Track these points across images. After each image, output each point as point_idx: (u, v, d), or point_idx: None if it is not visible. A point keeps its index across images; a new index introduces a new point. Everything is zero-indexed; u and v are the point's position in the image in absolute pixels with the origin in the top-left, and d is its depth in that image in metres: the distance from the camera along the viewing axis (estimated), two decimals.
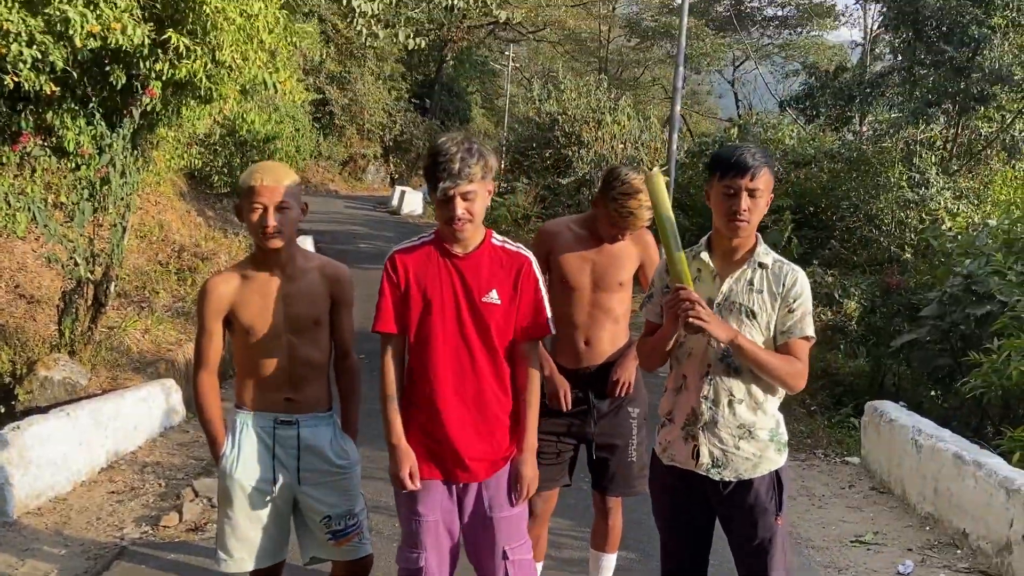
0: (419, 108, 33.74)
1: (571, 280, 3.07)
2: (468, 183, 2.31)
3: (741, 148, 2.38)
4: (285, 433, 2.57)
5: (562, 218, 3.38)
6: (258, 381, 2.58)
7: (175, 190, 12.26)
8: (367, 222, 19.14)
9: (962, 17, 11.29)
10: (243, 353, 2.59)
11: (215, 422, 2.61)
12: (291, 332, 2.56)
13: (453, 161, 2.30)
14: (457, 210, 2.33)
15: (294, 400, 2.57)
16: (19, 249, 7.68)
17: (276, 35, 8.05)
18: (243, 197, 2.51)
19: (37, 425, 4.48)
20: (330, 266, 2.69)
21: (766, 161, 2.34)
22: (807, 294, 2.39)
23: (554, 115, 21.54)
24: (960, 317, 6.65)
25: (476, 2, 11.06)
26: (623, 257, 3.08)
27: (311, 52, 23.77)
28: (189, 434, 5.73)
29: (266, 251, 2.54)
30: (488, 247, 2.47)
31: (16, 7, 5.41)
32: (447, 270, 2.42)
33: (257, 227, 2.48)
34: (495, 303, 2.41)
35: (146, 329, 7.18)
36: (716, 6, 34.81)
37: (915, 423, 4.90)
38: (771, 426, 2.42)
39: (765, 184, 2.33)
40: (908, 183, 10.91)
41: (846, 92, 13.77)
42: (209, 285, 2.57)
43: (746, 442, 2.39)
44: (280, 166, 2.62)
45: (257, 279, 2.56)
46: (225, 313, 2.56)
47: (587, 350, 3.09)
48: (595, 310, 3.08)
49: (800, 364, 2.35)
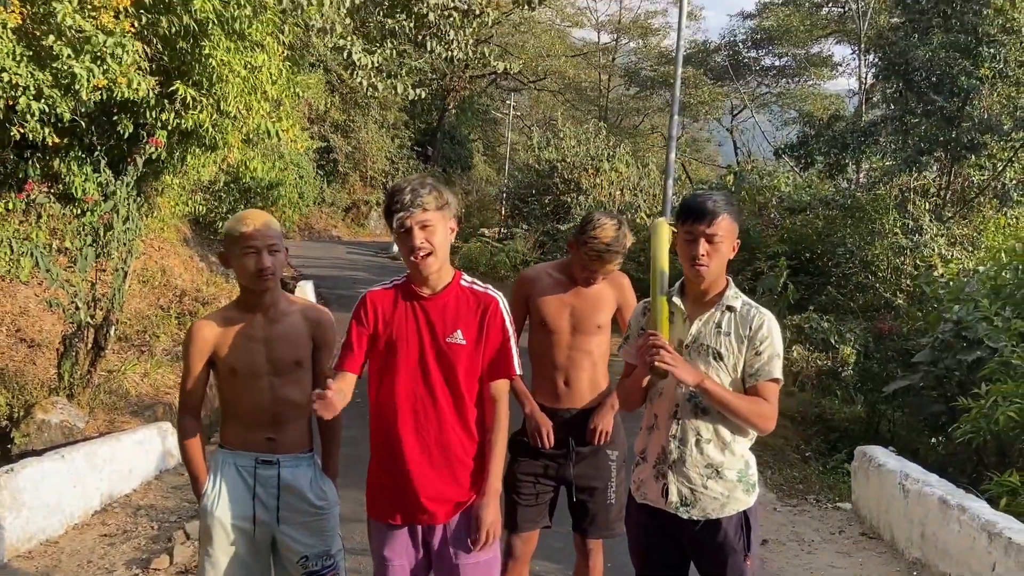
0: (421, 156, 34.19)
1: (550, 323, 3.16)
2: (422, 211, 2.33)
3: (704, 195, 2.46)
4: (266, 473, 2.63)
5: (541, 264, 3.50)
6: (241, 421, 2.65)
7: (179, 236, 12.43)
8: (368, 267, 19.28)
9: (951, 68, 11.55)
10: (227, 394, 2.67)
11: (197, 461, 2.68)
12: (273, 373, 2.63)
13: (404, 193, 2.34)
14: (416, 240, 2.34)
15: (275, 440, 2.63)
16: (21, 293, 7.79)
17: (279, 86, 8.27)
18: (233, 243, 2.59)
19: (31, 468, 4.51)
20: (312, 309, 2.78)
21: (726, 208, 2.39)
22: (775, 337, 2.43)
23: (553, 162, 21.83)
24: (952, 363, 6.70)
25: (475, 54, 11.32)
26: (600, 300, 3.17)
27: (316, 101, 24.24)
28: (184, 476, 5.70)
29: (254, 294, 2.62)
30: (456, 288, 2.48)
31: (25, 61, 5.59)
32: (413, 311, 2.44)
33: (253, 270, 2.55)
34: (460, 343, 2.42)
35: (145, 372, 7.25)
36: (714, 56, 35.42)
37: (903, 468, 4.92)
38: (739, 467, 2.47)
39: (725, 231, 2.38)
40: (902, 230, 11.04)
41: (840, 140, 13.99)
42: (194, 329, 2.66)
43: (714, 481, 2.44)
44: (263, 213, 2.70)
45: (241, 322, 2.63)
46: (209, 355, 2.64)
47: (567, 391, 3.17)
48: (574, 352, 3.16)
49: (767, 406, 2.39)
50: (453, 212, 2.43)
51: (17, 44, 5.55)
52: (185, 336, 2.69)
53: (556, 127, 23.53)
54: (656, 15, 40.78)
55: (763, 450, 2.17)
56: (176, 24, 6.85)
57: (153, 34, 6.95)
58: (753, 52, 35.46)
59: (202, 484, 2.66)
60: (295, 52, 9.40)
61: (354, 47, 9.29)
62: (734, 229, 2.43)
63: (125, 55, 5.85)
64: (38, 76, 5.58)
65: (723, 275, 2.48)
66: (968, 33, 11.52)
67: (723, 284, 2.49)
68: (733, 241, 2.44)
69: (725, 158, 42.42)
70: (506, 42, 33.86)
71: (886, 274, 11.33)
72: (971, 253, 10.89)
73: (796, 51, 34.91)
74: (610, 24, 41.54)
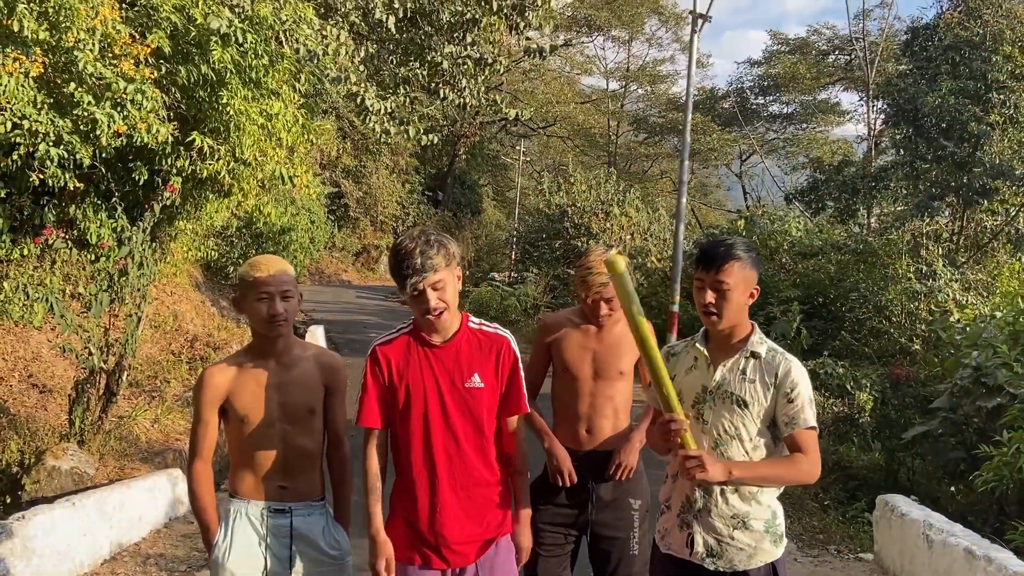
0: (432, 200, 34.48)
1: (572, 369, 3.13)
2: (434, 273, 2.35)
3: (717, 242, 2.44)
4: (278, 522, 2.59)
5: (562, 311, 3.49)
6: (252, 469, 2.61)
7: (191, 281, 12.49)
8: (377, 312, 19.29)
9: (960, 114, 11.61)
10: (238, 442, 2.63)
11: (208, 510, 2.63)
12: (285, 421, 2.59)
13: (414, 256, 2.34)
14: (431, 302, 2.36)
15: (287, 488, 2.59)
16: (34, 339, 7.80)
17: (295, 133, 8.36)
18: (247, 289, 2.57)
19: (42, 515, 4.47)
20: (325, 355, 2.75)
21: (737, 254, 2.35)
22: (804, 383, 2.37)
23: (564, 207, 21.96)
24: (971, 409, 6.61)
25: (487, 100, 11.44)
26: (622, 346, 3.14)
27: (328, 148, 24.52)
28: (194, 525, 5.68)
29: (267, 340, 2.60)
30: (466, 332, 2.50)
31: (46, 109, 5.67)
32: (427, 360, 2.46)
33: (266, 316, 2.53)
34: (479, 387, 2.45)
35: (155, 419, 7.22)
36: (721, 103, 35.77)
37: (926, 517, 4.82)
38: (766, 517, 2.41)
39: (736, 278, 2.34)
40: (916, 275, 10.99)
41: (851, 185, 14.03)
42: (205, 375, 2.63)
43: (740, 532, 2.38)
44: (277, 258, 2.69)
45: (253, 368, 2.60)
46: (221, 402, 2.60)
47: (588, 437, 3.13)
48: (597, 399, 3.12)
49: (806, 461, 2.32)
50: (458, 261, 2.46)
51: (39, 92, 5.64)
52: (196, 382, 2.66)
53: (566, 172, 23.73)
54: (664, 62, 41.35)
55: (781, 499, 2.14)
56: (195, 74, 6.96)
57: (172, 83, 7.06)
58: (760, 99, 35.83)
59: (213, 534, 2.61)
60: (309, 100, 9.53)
61: (367, 93, 9.41)
62: (748, 276, 2.38)
63: (145, 101, 5.93)
64: (59, 123, 5.65)
65: (745, 321, 2.45)
66: (977, 79, 11.61)
67: (747, 329, 2.46)
68: (748, 288, 2.39)
69: (733, 203, 42.63)
70: (516, 89, 34.34)
71: (900, 319, 11.26)
72: (985, 299, 10.82)
73: (803, 98, 35.27)
74: (619, 71, 42.12)
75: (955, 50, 11.95)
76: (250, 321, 2.62)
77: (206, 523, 2.63)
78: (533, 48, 10.69)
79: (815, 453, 2.35)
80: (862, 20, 27.15)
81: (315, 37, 8.61)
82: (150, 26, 6.79)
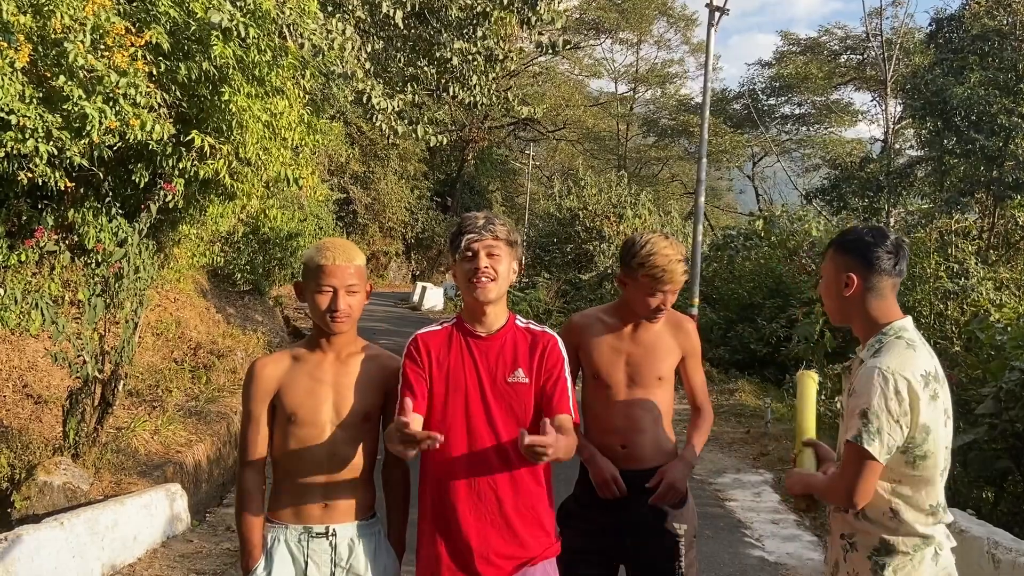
0: (440, 206, 34.28)
1: (604, 375, 2.74)
2: (493, 238, 2.26)
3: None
4: (319, 547, 2.28)
5: (591, 309, 3.05)
6: (293, 483, 2.31)
7: (196, 287, 12.18)
8: (387, 318, 19.00)
9: (990, 106, 11.18)
10: (280, 449, 2.32)
11: (255, 531, 2.30)
12: (336, 424, 2.29)
13: (478, 219, 2.29)
14: (481, 262, 2.24)
15: (330, 506, 2.29)
16: (31, 347, 7.49)
17: (300, 132, 8.08)
18: (309, 276, 2.31)
19: (27, 536, 4.17)
20: (387, 357, 2.44)
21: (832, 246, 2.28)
22: (864, 390, 2.07)
23: (575, 211, 21.69)
24: (1020, 414, 6.20)
25: (499, 98, 11.14)
26: (660, 348, 2.76)
27: (336, 153, 24.30)
28: (193, 543, 5.35)
29: (327, 335, 2.33)
30: (512, 328, 2.36)
31: (35, 104, 5.36)
32: (470, 352, 2.30)
33: (324, 310, 2.28)
34: (523, 382, 2.28)
35: (155, 430, 6.87)
36: (732, 104, 35.47)
37: (990, 534, 4.42)
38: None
39: (826, 268, 2.28)
40: (947, 274, 10.58)
41: (874, 182, 13.62)
42: (256, 367, 2.34)
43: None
44: (350, 244, 2.41)
45: (309, 361, 2.35)
46: (272, 396, 2.31)
47: (624, 454, 2.72)
48: (633, 410, 2.72)
49: (839, 479, 2.13)
50: (519, 254, 2.37)
51: (27, 85, 5.33)
52: (246, 376, 2.35)
53: (577, 175, 23.47)
54: (673, 64, 41.09)
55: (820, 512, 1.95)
56: (195, 70, 6.68)
57: (172, 81, 6.78)
58: (772, 100, 35.51)
59: (255, 560, 2.28)
60: (315, 98, 9.26)
61: (374, 91, 9.12)
62: (834, 263, 2.22)
63: (138, 95, 5.61)
64: (48, 118, 5.34)
65: (867, 318, 2.19)
66: (1007, 70, 11.19)
67: (871, 329, 2.19)
68: (833, 276, 2.21)
69: (744, 206, 42.29)
70: (526, 92, 34.06)
71: (929, 319, 10.83)
72: (1020, 299, 10.40)
73: (815, 98, 34.94)
74: (628, 74, 41.88)
75: (983, 40, 11.52)
76: (309, 311, 2.36)
77: (249, 545, 2.30)
78: (544, 43, 10.37)
79: (848, 474, 2.07)
80: (879, 18, 26.73)
81: (320, 32, 8.33)
82: (148, 21, 6.51)
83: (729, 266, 15.64)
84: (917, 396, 2.03)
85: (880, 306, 2.16)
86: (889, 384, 2.02)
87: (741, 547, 5.69)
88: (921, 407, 2.04)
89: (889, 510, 2.11)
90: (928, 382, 2.07)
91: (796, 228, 13.82)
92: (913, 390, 2.03)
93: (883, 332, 2.15)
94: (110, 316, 6.26)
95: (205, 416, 7.50)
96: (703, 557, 5.37)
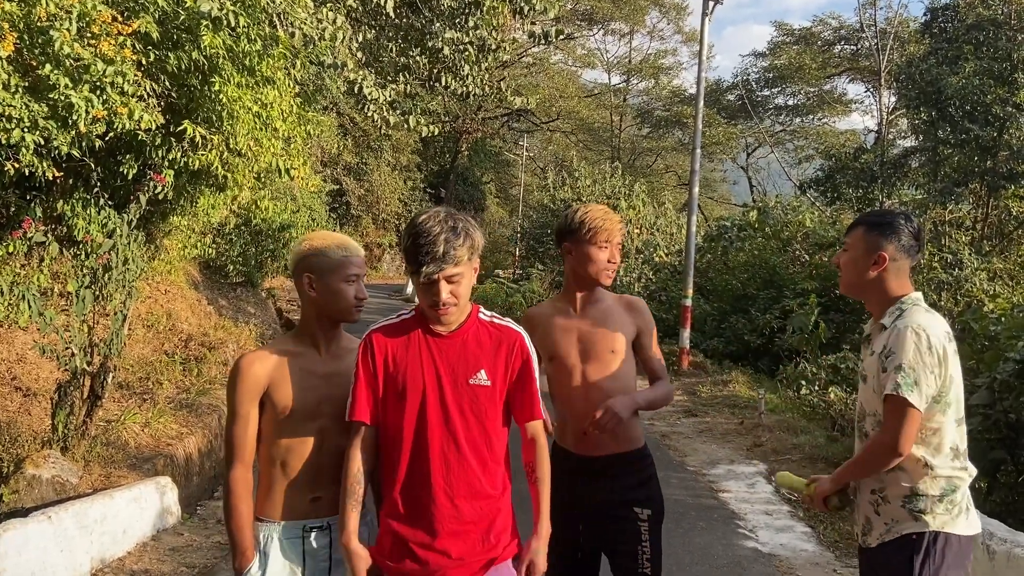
0: (434, 197, 34.16)
1: (560, 354, 2.77)
2: (454, 266, 2.10)
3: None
4: (316, 543, 2.26)
5: (544, 301, 3.23)
6: (282, 478, 2.27)
7: (188, 279, 12.10)
8: (381, 310, 18.93)
9: (985, 96, 11.14)
10: (269, 444, 2.28)
11: (246, 529, 2.25)
12: (327, 417, 2.26)
13: (436, 243, 2.08)
14: (442, 294, 2.11)
15: (321, 499, 2.25)
16: (19, 340, 7.42)
17: (290, 123, 8.01)
18: (334, 268, 2.30)
19: (14, 530, 4.12)
20: None
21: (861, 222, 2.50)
22: (901, 347, 2.25)
23: (569, 202, 21.63)
24: (1015, 404, 6.19)
25: (492, 90, 11.07)
26: (610, 321, 2.77)
27: (328, 145, 24.16)
28: (184, 537, 5.31)
29: (324, 326, 2.35)
30: (474, 323, 2.24)
31: (20, 93, 5.28)
32: (428, 351, 2.19)
33: (352, 299, 2.31)
34: (484, 384, 2.17)
35: (146, 422, 6.82)
36: (726, 95, 35.43)
37: (985, 525, 4.40)
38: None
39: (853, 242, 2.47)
40: (941, 264, 10.56)
41: (868, 173, 13.58)
42: (243, 364, 2.28)
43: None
44: (348, 238, 2.44)
45: (297, 355, 2.32)
46: (261, 394, 2.26)
47: (584, 439, 2.71)
48: (591, 392, 2.70)
49: (878, 440, 2.29)
50: (479, 252, 2.21)
51: (12, 74, 5.24)
52: (231, 373, 2.30)
53: (571, 167, 23.42)
54: (666, 54, 41.00)
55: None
56: (185, 60, 6.60)
57: (161, 71, 6.70)
58: (766, 91, 35.47)
59: (248, 559, 2.24)
60: (307, 88, 9.18)
61: (365, 81, 9.04)
62: (865, 240, 2.41)
63: (125, 84, 5.53)
64: (34, 107, 5.26)
65: (885, 292, 2.39)
66: (1002, 60, 11.14)
67: (888, 302, 2.39)
68: (863, 252, 2.40)
69: (738, 197, 42.32)
70: (519, 83, 33.95)
71: None
72: (1013, 288, 10.40)
73: (809, 89, 34.92)
74: (621, 65, 41.77)
75: (978, 29, 11.47)
76: (321, 303, 2.32)
77: (243, 544, 2.25)
78: (537, 32, 10.29)
79: (890, 428, 2.24)
80: (873, 8, 26.70)
81: (310, 21, 8.24)
82: (136, 10, 6.42)
83: (723, 257, 15.63)
84: (945, 350, 2.26)
85: (899, 282, 2.37)
86: (923, 339, 2.23)
87: (735, 538, 5.67)
88: (949, 359, 2.27)
89: (920, 457, 2.27)
90: (951, 338, 2.33)
91: (790, 219, 13.78)
92: (943, 344, 2.26)
93: (901, 301, 2.36)
94: (99, 308, 6.20)
95: (196, 409, 7.45)
96: (696, 548, 5.36)
